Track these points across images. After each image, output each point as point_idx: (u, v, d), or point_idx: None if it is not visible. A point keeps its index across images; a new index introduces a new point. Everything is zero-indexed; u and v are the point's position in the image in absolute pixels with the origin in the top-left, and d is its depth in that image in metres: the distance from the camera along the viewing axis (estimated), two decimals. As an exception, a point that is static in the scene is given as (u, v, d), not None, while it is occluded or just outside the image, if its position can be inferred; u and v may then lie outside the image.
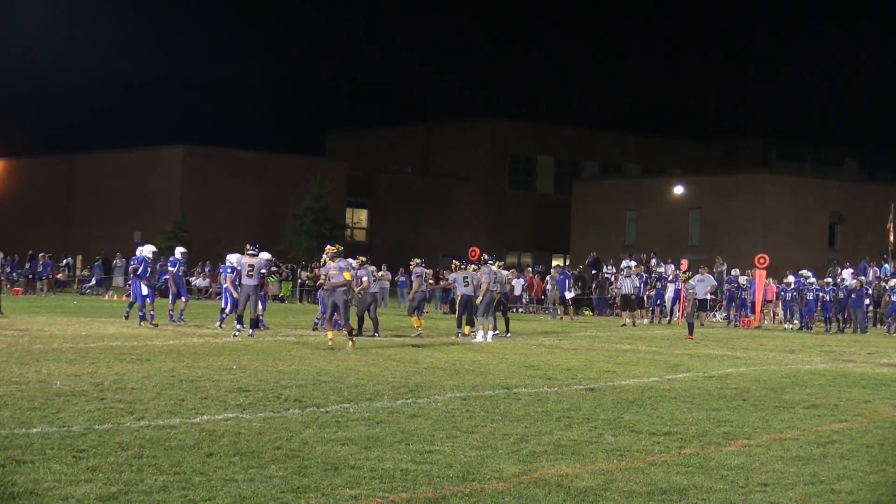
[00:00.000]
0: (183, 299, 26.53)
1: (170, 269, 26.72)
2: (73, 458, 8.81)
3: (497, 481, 8.53)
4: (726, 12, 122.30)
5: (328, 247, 21.53)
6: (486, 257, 25.29)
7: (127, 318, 26.08)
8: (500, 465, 9.15)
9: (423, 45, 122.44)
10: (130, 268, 25.75)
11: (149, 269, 25.04)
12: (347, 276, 20.34)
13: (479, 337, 23.33)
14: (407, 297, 35.81)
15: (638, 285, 35.09)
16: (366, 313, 23.93)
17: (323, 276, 20.91)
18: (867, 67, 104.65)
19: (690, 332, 26.76)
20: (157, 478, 8.22)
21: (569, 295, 37.69)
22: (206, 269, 46.82)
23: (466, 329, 24.79)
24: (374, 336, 23.44)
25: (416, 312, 25.05)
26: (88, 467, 8.48)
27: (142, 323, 24.48)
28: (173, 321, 26.12)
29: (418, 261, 27.02)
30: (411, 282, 43.22)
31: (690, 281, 29.33)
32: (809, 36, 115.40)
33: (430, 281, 42.46)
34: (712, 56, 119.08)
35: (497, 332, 24.63)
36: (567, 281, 38.14)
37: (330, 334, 20.34)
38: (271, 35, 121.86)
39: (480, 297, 23.82)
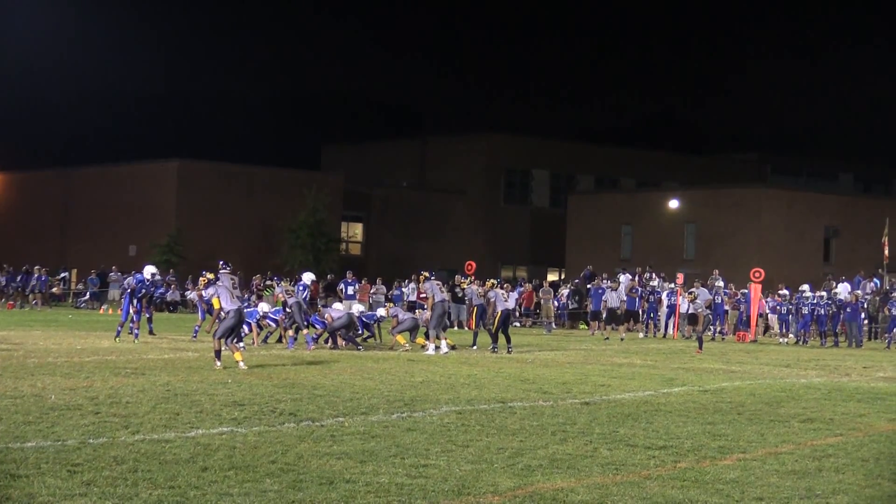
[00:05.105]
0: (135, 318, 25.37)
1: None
2: (68, 472, 8.80)
3: (492, 495, 8.53)
4: (722, 26, 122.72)
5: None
6: (427, 274, 25.41)
7: (141, 334, 25.64)
8: (496, 479, 9.15)
9: (419, 58, 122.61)
10: (126, 283, 25.77)
11: (143, 289, 25.03)
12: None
13: (430, 350, 23.41)
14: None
15: (625, 299, 35.14)
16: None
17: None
18: (862, 82, 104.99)
19: (700, 346, 27.02)
20: (152, 492, 8.22)
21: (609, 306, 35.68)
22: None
23: (420, 340, 24.94)
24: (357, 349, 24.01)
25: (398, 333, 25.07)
26: (83, 481, 8.47)
27: (117, 338, 24.16)
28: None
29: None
30: (404, 295, 43.50)
31: (698, 300, 29.22)
32: (805, 50, 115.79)
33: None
34: (708, 70, 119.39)
35: (475, 346, 25.56)
36: (601, 294, 36.15)
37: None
38: (266, 49, 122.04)
39: (429, 312, 24.10)
